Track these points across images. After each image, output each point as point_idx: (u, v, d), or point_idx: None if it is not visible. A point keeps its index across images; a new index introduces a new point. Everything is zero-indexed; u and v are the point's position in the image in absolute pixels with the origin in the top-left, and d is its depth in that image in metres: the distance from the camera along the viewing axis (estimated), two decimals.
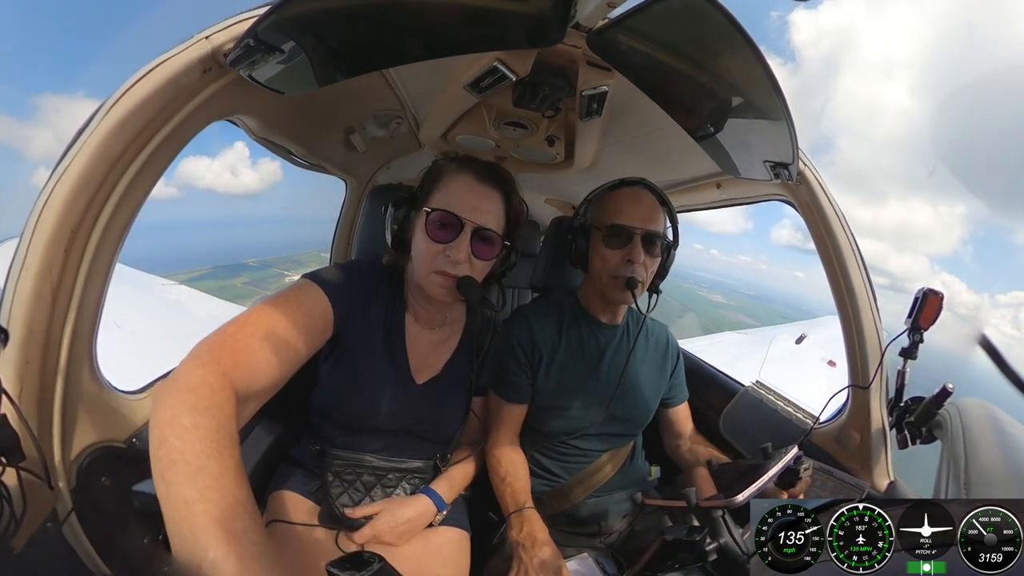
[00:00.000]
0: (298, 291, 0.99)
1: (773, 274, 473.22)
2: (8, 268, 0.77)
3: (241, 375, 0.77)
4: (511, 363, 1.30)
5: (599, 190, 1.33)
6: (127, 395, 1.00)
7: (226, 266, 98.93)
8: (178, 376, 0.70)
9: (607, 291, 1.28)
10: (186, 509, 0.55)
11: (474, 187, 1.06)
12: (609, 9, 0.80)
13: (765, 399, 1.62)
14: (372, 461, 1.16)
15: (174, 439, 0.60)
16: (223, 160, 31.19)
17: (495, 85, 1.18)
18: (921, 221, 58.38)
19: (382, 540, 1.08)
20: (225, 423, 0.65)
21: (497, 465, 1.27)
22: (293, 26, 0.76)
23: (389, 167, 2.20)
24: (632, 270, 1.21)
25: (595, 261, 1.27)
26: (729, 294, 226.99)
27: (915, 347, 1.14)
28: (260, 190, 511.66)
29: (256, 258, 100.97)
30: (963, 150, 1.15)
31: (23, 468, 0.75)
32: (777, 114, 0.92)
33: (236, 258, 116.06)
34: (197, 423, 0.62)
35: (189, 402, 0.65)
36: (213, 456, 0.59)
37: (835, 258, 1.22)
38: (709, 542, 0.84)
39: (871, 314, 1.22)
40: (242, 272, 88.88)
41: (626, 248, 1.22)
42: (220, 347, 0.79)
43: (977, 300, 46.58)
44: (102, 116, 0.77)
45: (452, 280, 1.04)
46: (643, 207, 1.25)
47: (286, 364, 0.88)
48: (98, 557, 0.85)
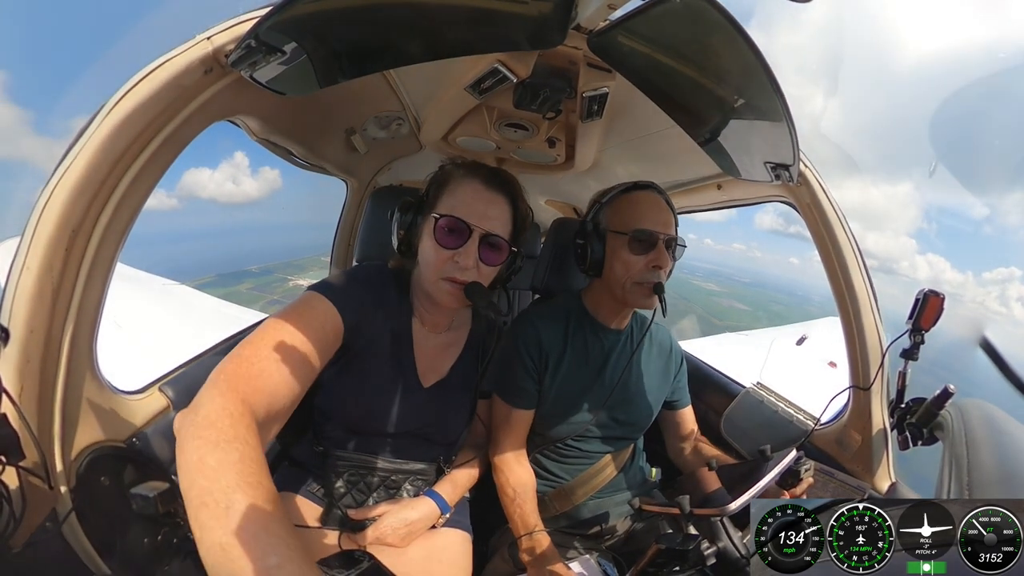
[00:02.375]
0: (306, 304, 0.98)
1: (767, 260, 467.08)
2: (9, 267, 0.77)
3: (261, 399, 0.77)
4: (518, 368, 1.28)
5: (611, 193, 1.29)
6: (127, 395, 1.01)
7: (229, 273, 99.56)
8: (199, 409, 0.70)
9: (629, 296, 1.24)
10: (222, 555, 0.55)
11: (482, 193, 1.06)
12: (610, 11, 0.81)
13: (766, 400, 1.62)
14: (376, 463, 1.16)
15: (203, 480, 0.60)
16: (224, 171, 30.85)
17: (496, 87, 1.19)
18: (877, 201, 59.99)
19: (385, 542, 1.08)
20: (249, 452, 0.65)
21: (505, 484, 1.26)
22: (295, 27, 0.76)
23: (390, 168, 2.20)
24: (658, 275, 1.20)
25: (615, 267, 1.24)
26: (723, 282, 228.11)
27: (916, 348, 1.14)
28: (260, 197, 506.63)
29: (258, 264, 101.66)
30: (892, 131, 1.15)
31: (23, 468, 0.75)
32: (777, 115, 0.92)
33: (239, 265, 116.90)
34: (221, 460, 0.62)
35: (212, 439, 0.64)
36: (239, 489, 0.59)
37: (836, 259, 1.22)
38: (707, 546, 0.83)
39: (872, 315, 1.21)
40: (246, 279, 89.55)
41: (651, 254, 1.20)
42: (236, 374, 0.78)
43: (961, 278, 45.15)
44: (103, 116, 0.77)
45: (460, 286, 1.04)
46: (663, 212, 1.24)
47: (302, 381, 0.88)
48: (98, 557, 0.85)
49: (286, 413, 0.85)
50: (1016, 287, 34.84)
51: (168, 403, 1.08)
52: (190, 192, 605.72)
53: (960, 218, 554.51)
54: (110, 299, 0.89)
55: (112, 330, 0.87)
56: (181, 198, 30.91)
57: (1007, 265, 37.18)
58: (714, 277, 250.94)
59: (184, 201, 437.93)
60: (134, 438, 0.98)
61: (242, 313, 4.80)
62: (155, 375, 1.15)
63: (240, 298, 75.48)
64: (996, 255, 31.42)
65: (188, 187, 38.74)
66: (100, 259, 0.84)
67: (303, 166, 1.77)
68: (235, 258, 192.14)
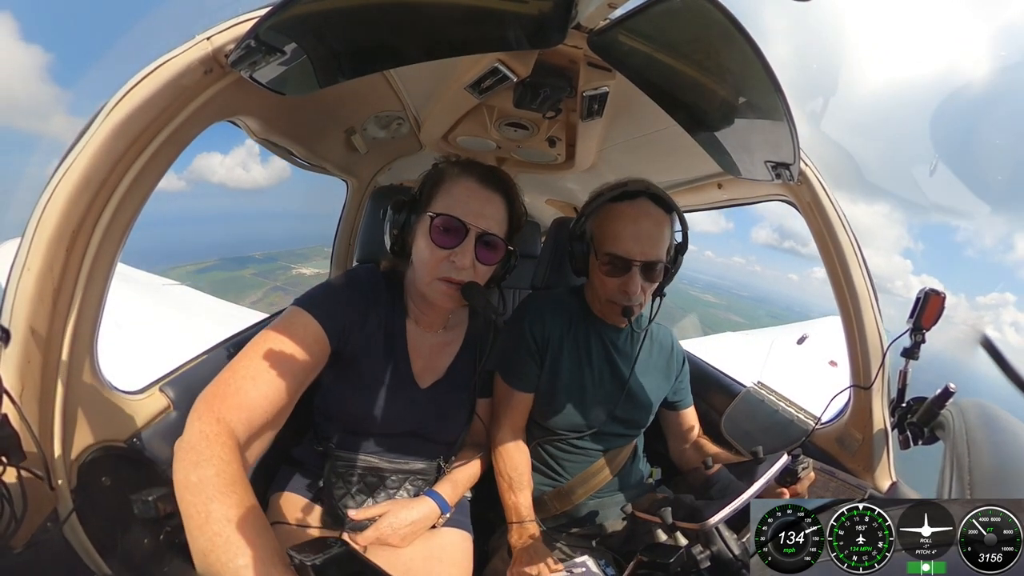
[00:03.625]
0: (288, 321, 1.00)
1: (767, 275, 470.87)
2: (10, 268, 0.77)
3: (239, 416, 0.83)
4: (522, 350, 1.30)
5: (600, 199, 1.24)
6: (128, 395, 1.01)
7: (232, 258, 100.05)
8: (185, 435, 0.78)
9: (604, 311, 1.29)
10: (203, 560, 0.64)
11: (477, 191, 1.05)
12: (610, 10, 0.81)
13: (767, 400, 1.61)
14: (376, 462, 1.16)
15: (188, 495, 0.69)
16: (235, 156, 31.12)
17: (496, 86, 1.18)
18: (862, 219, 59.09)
19: (385, 542, 1.08)
20: (223, 467, 0.72)
21: (503, 466, 1.28)
22: (294, 27, 0.76)
23: (390, 168, 2.20)
24: (628, 299, 1.20)
25: (594, 279, 1.27)
26: (721, 294, 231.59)
27: (917, 347, 1.14)
28: (269, 185, 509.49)
29: (262, 251, 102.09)
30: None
31: (24, 468, 0.75)
32: (778, 114, 0.91)
33: (243, 251, 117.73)
34: (200, 476, 0.71)
35: (192, 460, 0.73)
36: (214, 500, 0.68)
37: (837, 258, 1.22)
38: (701, 550, 0.83)
39: (873, 314, 1.21)
40: (249, 264, 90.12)
41: (623, 278, 1.19)
42: (214, 396, 0.84)
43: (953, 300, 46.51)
44: (104, 117, 0.77)
45: (456, 287, 1.03)
46: (642, 231, 1.18)
47: (284, 395, 0.91)
48: (98, 557, 0.85)
49: (273, 424, 0.92)
50: (1011, 312, 33.74)
51: (169, 403, 1.08)
52: (200, 176, 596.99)
53: (950, 241, 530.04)
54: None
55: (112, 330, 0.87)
56: (190, 181, 31.09)
57: (1001, 291, 35.40)
58: (712, 289, 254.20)
59: (193, 184, 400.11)
60: (135, 438, 0.98)
61: (241, 312, 4.80)
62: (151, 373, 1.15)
63: (243, 283, 75.56)
64: (991, 279, 30.38)
65: (199, 170, 38.68)
66: (101, 259, 0.84)
67: (303, 166, 1.77)
68: (239, 243, 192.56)
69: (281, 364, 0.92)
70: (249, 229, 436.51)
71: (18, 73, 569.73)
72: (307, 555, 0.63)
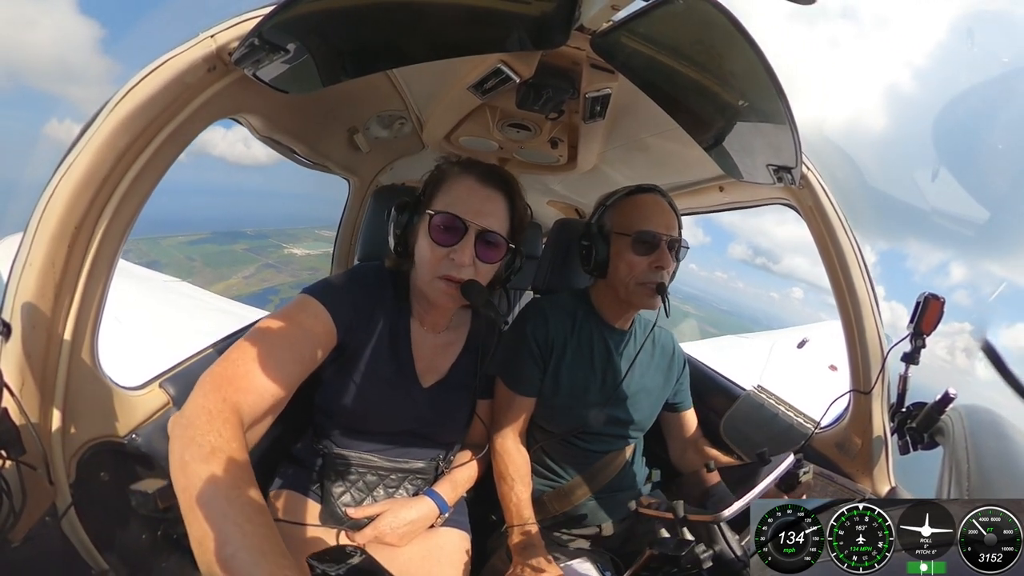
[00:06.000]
0: (298, 307, 1.00)
1: (748, 292, 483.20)
2: (12, 263, 0.78)
3: (244, 398, 0.81)
4: (525, 355, 1.30)
5: (616, 196, 1.33)
6: (128, 390, 1.00)
7: (225, 232, 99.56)
8: (184, 410, 0.75)
9: (633, 297, 1.27)
10: (199, 547, 0.60)
11: (477, 190, 1.05)
12: (613, 12, 0.81)
13: (766, 404, 1.61)
14: (375, 461, 1.16)
15: (183, 478, 0.66)
16: (238, 131, 31.78)
17: (499, 87, 1.19)
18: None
19: (384, 541, 1.07)
20: (222, 445, 0.69)
21: (504, 468, 1.27)
22: (298, 26, 0.77)
23: (392, 168, 2.20)
24: (661, 276, 1.23)
25: (620, 268, 1.27)
26: (700, 306, 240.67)
27: (917, 352, 1.14)
28: (268, 163, 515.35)
29: (254, 228, 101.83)
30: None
31: (23, 462, 0.75)
32: (780, 118, 0.92)
33: (236, 226, 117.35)
34: (195, 455, 0.67)
35: (189, 437, 0.69)
36: (210, 482, 0.64)
37: (838, 262, 1.22)
38: (703, 549, 0.83)
39: (873, 319, 1.21)
40: (240, 239, 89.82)
41: (654, 255, 1.23)
42: (221, 375, 0.82)
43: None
44: (107, 113, 0.77)
45: (456, 285, 1.03)
46: (666, 214, 1.27)
47: (289, 380, 0.90)
48: (96, 551, 0.85)
49: (274, 409, 0.89)
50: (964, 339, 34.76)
51: (168, 400, 1.08)
52: (201, 148, 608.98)
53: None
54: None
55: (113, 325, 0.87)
56: (189, 151, 31.36)
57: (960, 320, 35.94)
58: (692, 300, 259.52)
59: (191, 155, 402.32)
60: (134, 434, 0.98)
61: (241, 309, 4.79)
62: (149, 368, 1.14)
63: (235, 257, 74.90)
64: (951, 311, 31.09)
65: (199, 142, 39.55)
66: (102, 255, 0.84)
67: (306, 164, 1.77)
68: (233, 219, 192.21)
69: (290, 349, 0.92)
70: (243, 205, 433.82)
71: (73, 44, 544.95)
72: (329, 564, 0.61)
